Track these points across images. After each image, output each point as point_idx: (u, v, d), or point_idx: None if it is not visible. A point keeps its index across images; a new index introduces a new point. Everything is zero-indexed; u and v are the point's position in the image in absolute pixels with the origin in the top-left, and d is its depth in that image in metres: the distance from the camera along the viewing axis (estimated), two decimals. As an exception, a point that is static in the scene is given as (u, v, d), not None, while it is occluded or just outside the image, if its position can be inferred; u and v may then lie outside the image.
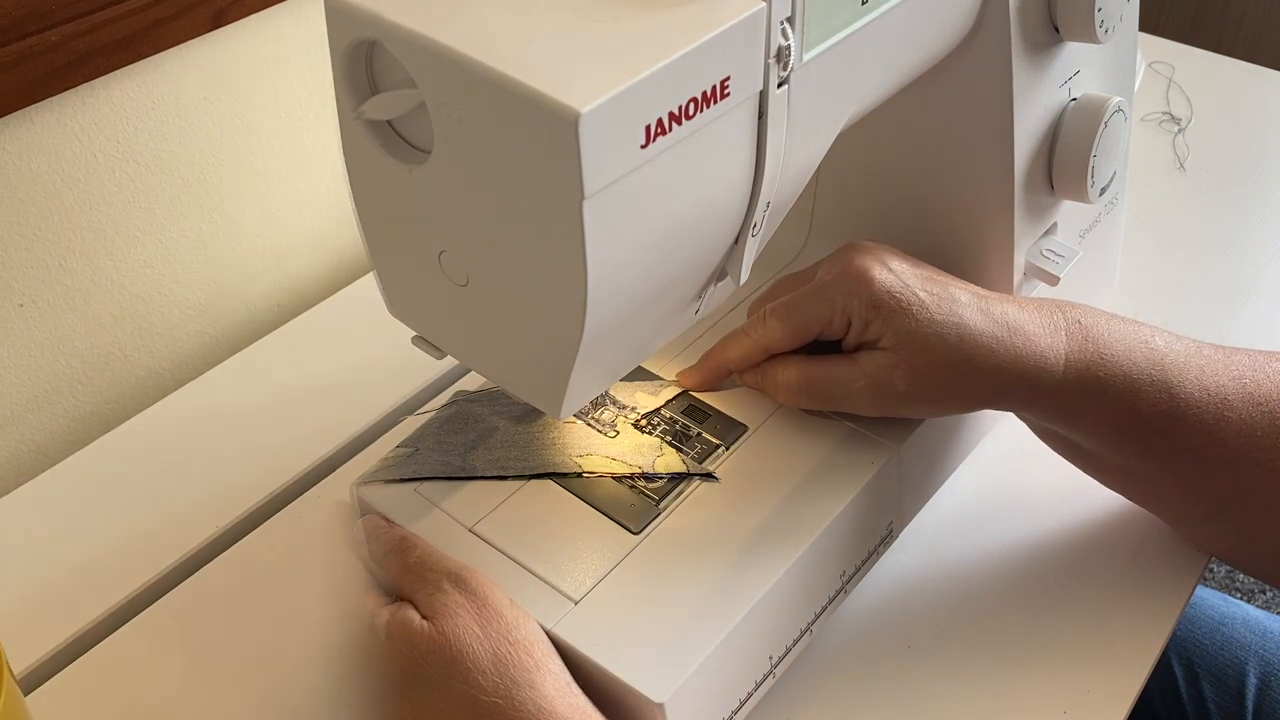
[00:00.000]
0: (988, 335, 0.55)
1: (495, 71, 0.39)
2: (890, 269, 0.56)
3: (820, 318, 0.56)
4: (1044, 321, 0.56)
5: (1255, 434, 0.56)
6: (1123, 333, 0.57)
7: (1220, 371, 0.57)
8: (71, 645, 0.63)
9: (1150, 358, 0.56)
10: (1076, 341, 0.56)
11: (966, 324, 0.55)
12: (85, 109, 0.72)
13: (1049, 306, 0.58)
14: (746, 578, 0.54)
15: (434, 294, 0.48)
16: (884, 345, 0.55)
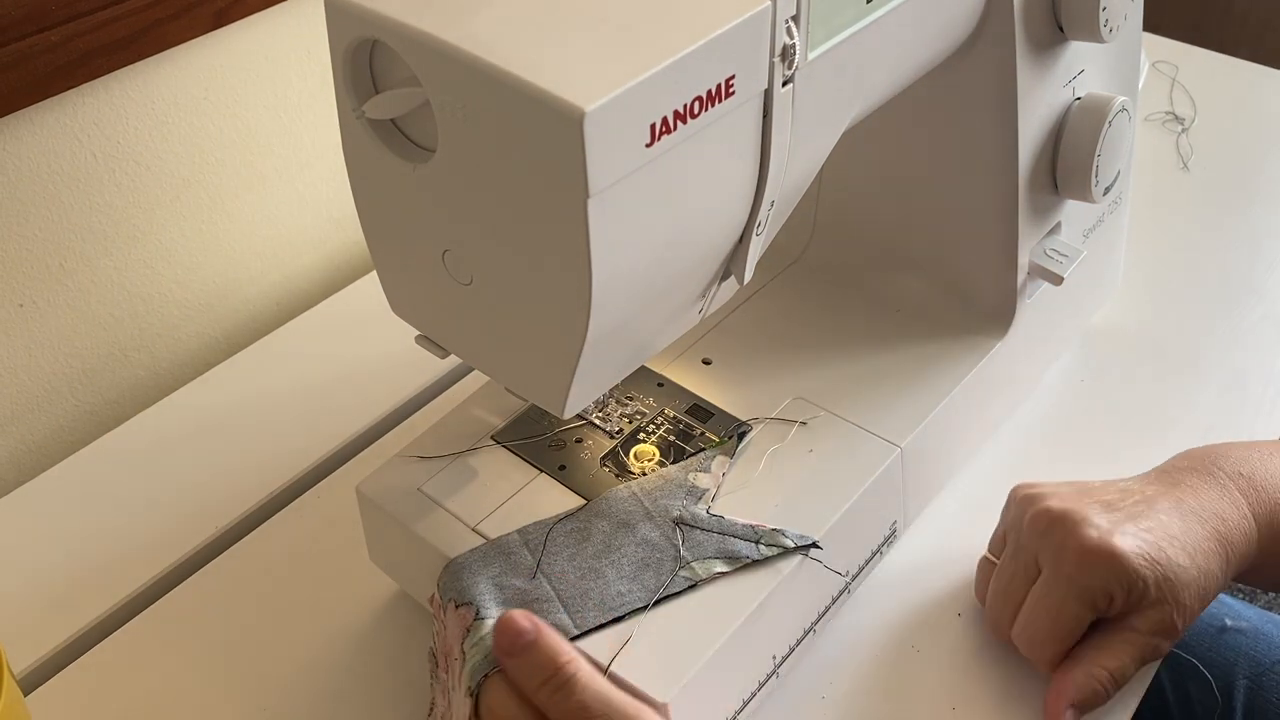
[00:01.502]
0: (1203, 539, 0.57)
1: (500, 70, 0.39)
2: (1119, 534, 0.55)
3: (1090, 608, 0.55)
4: (1223, 495, 0.58)
5: None
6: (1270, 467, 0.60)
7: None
8: (71, 645, 0.63)
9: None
10: (1252, 497, 0.59)
11: (1188, 543, 0.56)
12: (85, 109, 0.72)
13: (1211, 470, 0.59)
14: (750, 577, 0.54)
15: (437, 293, 0.48)
16: (1151, 601, 0.55)
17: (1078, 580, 0.55)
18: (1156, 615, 0.55)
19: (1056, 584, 0.55)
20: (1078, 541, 0.55)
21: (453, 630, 0.52)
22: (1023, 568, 0.57)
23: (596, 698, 0.47)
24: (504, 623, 0.49)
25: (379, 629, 0.62)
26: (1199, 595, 0.56)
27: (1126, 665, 0.56)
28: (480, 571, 0.53)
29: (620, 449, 0.60)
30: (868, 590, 0.63)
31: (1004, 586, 0.58)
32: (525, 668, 0.49)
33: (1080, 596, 0.55)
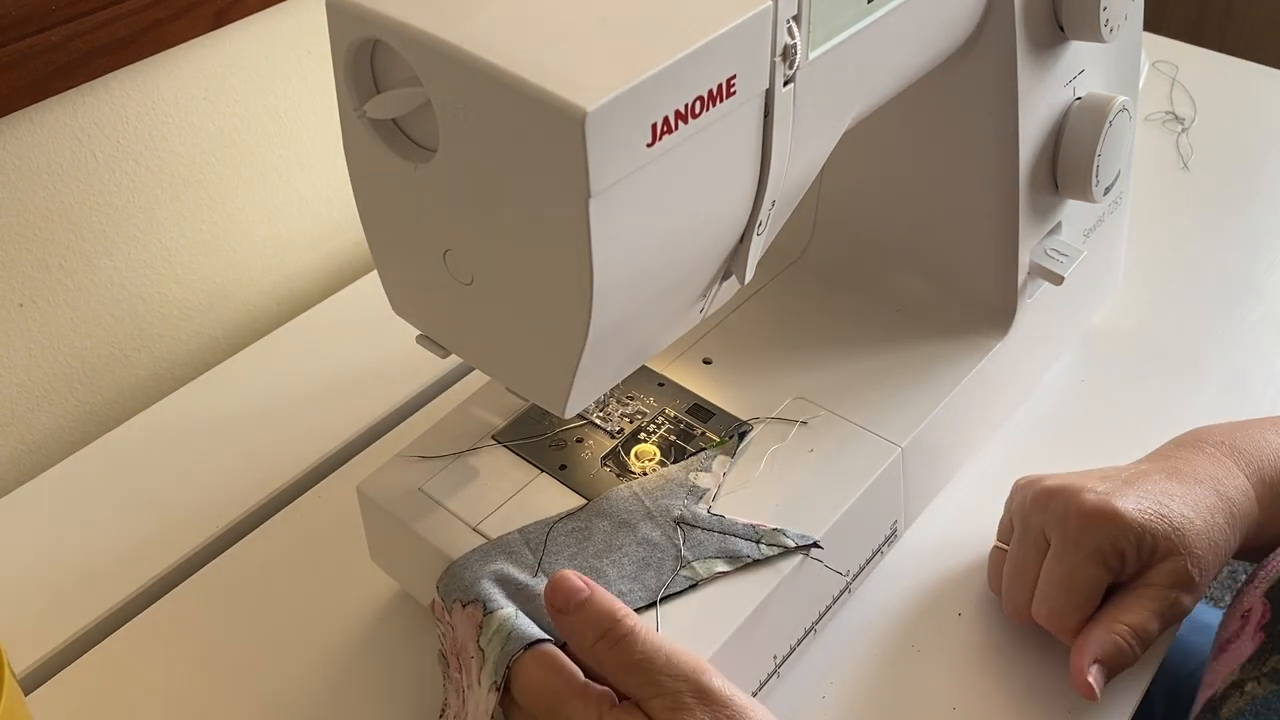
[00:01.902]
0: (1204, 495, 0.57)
1: (501, 70, 0.39)
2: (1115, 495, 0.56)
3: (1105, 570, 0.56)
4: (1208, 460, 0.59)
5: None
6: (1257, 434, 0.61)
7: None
8: (71, 645, 0.63)
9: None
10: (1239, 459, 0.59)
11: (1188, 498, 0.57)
12: (85, 109, 0.72)
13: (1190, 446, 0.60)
14: (751, 577, 0.54)
15: (438, 293, 0.48)
16: (1164, 554, 0.55)
17: (1085, 543, 0.55)
18: (1171, 567, 0.55)
19: (1066, 551, 0.56)
20: (1078, 505, 0.56)
21: (463, 630, 0.52)
22: (1032, 544, 0.58)
23: (659, 650, 0.47)
24: (558, 580, 0.49)
25: (379, 629, 0.62)
26: (1210, 547, 0.56)
27: (1146, 620, 0.55)
28: (481, 569, 0.53)
29: (621, 449, 0.60)
30: (868, 590, 0.63)
31: (1017, 567, 0.59)
32: (581, 624, 0.48)
33: (1091, 558, 0.55)
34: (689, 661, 0.47)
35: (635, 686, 0.47)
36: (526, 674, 0.49)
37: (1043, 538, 0.57)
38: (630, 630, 0.48)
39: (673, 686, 0.46)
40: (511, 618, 0.50)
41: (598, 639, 0.48)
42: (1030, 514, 0.58)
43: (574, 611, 0.49)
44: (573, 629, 0.49)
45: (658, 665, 0.46)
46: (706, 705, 0.46)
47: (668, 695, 0.46)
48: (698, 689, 0.46)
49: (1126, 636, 0.55)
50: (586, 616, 0.48)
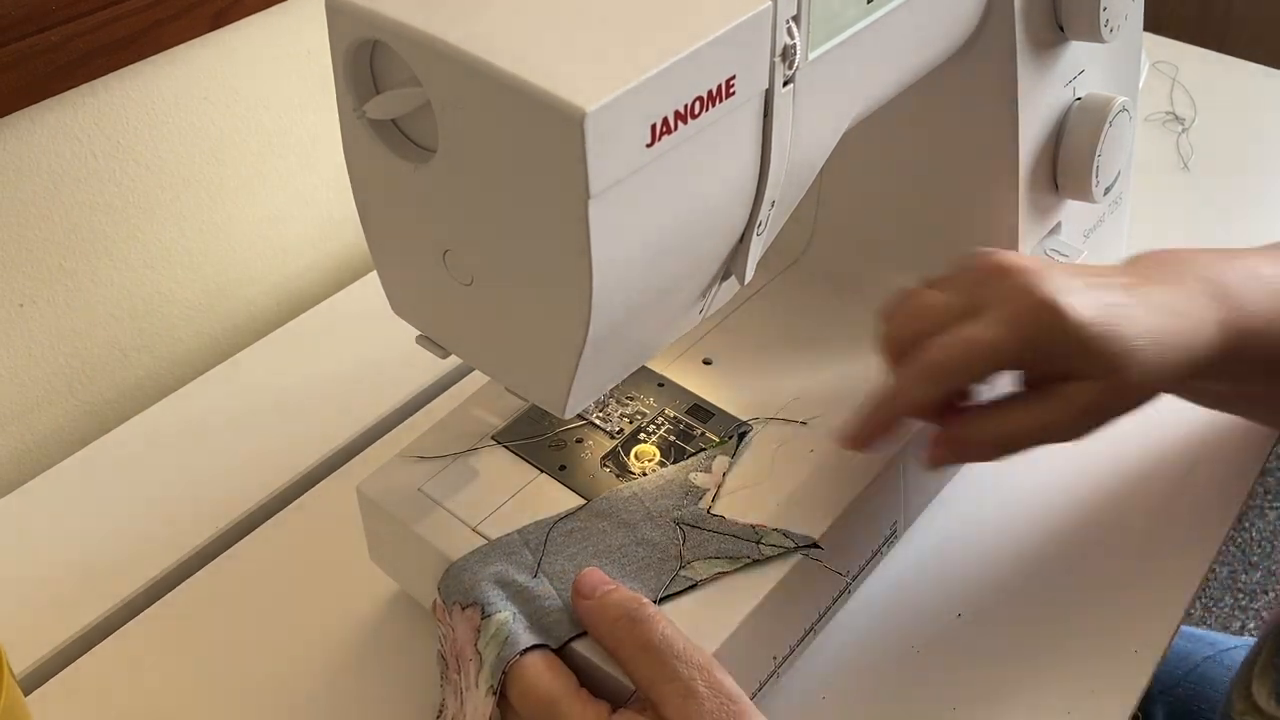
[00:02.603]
0: (1163, 330, 0.53)
1: (500, 70, 0.39)
2: (1074, 290, 0.51)
3: (1017, 357, 0.52)
4: (1188, 293, 0.54)
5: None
6: (1241, 274, 0.56)
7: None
8: (71, 645, 0.63)
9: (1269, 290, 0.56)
10: (1218, 302, 0.55)
11: (1150, 328, 0.52)
12: (85, 109, 0.72)
13: (1178, 271, 0.55)
14: (750, 577, 0.54)
15: (438, 293, 0.48)
16: (1091, 374, 0.51)
17: (1022, 326, 0.51)
18: (1092, 389, 0.52)
19: (1001, 322, 0.51)
20: (1031, 291, 0.51)
21: (463, 632, 0.52)
22: (959, 296, 0.53)
23: (678, 636, 0.47)
24: (587, 572, 0.51)
25: (379, 629, 0.62)
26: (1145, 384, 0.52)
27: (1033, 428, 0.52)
28: (480, 571, 0.53)
29: (621, 449, 0.60)
30: (868, 590, 0.63)
31: (925, 308, 0.54)
32: (602, 606, 0.49)
33: (1019, 339, 0.51)
34: (704, 654, 0.47)
35: (649, 669, 0.47)
36: (523, 678, 0.49)
37: (976, 302, 0.53)
38: (651, 614, 0.48)
39: (686, 673, 0.46)
40: (509, 622, 0.51)
41: (620, 617, 0.48)
42: (981, 278, 0.53)
43: (599, 598, 0.49)
44: (594, 610, 0.49)
45: (675, 650, 0.46)
46: (717, 695, 0.45)
47: (681, 681, 0.46)
48: (711, 680, 0.46)
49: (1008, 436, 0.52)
50: (611, 599, 0.49)
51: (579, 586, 0.50)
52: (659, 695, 0.46)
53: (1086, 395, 0.52)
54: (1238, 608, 1.65)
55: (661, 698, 0.46)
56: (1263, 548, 1.73)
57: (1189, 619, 1.58)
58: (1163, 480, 0.68)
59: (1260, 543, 1.74)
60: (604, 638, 0.49)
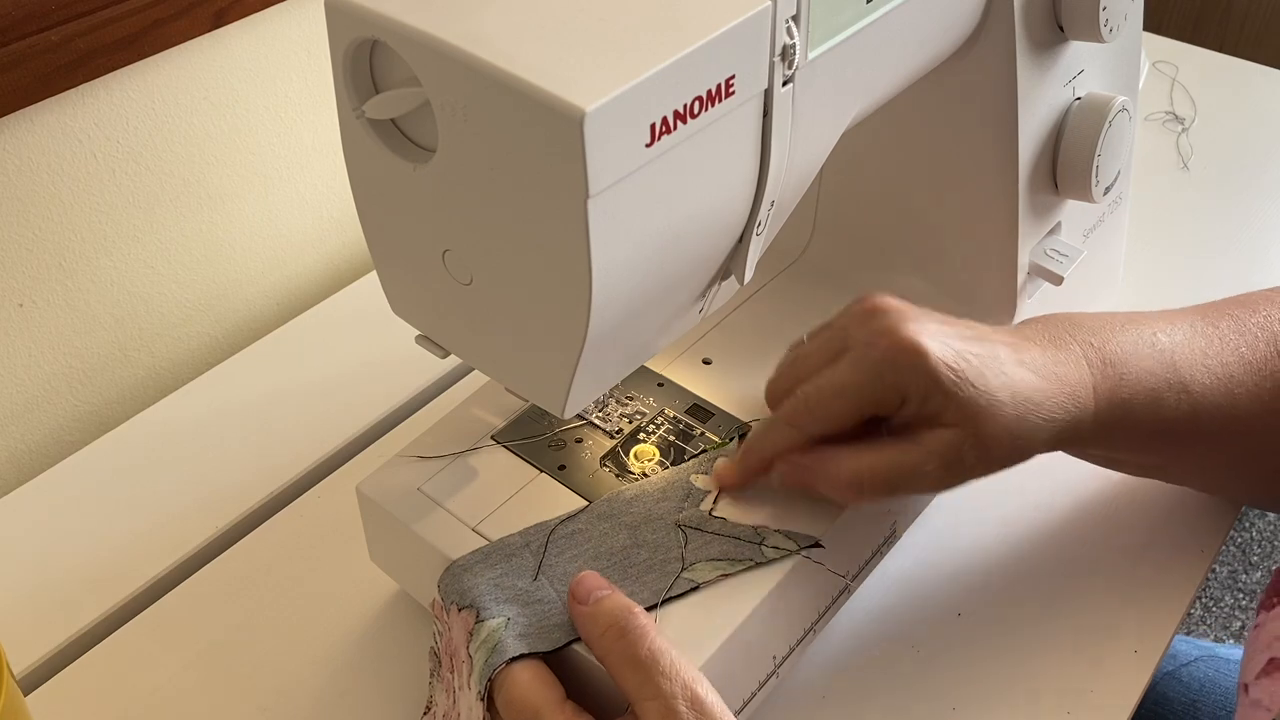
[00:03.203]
0: (1032, 389, 0.53)
1: (500, 70, 0.39)
2: (936, 335, 0.52)
3: (873, 399, 0.52)
4: (1067, 357, 0.55)
5: (1263, 399, 0.58)
6: (1132, 343, 0.56)
7: (1220, 349, 0.58)
8: (71, 645, 0.63)
9: (1162, 361, 0.56)
10: (1097, 369, 0.55)
11: (1015, 383, 0.52)
12: (85, 109, 0.72)
13: (1063, 335, 0.56)
14: (750, 577, 0.54)
15: (437, 293, 0.48)
16: (948, 421, 0.51)
17: (876, 368, 0.51)
18: (948, 438, 0.51)
19: (856, 365, 0.52)
20: (892, 331, 0.51)
21: (458, 633, 0.52)
22: (827, 343, 0.54)
23: (665, 651, 0.47)
24: (583, 576, 0.51)
25: (379, 629, 0.62)
26: (1007, 441, 0.52)
27: (886, 470, 0.52)
28: (481, 574, 0.53)
29: (620, 449, 0.60)
30: (868, 590, 0.63)
31: (802, 355, 0.55)
32: (595, 614, 0.49)
33: (871, 381, 0.51)
34: (691, 670, 0.47)
35: (634, 684, 0.47)
36: (509, 688, 0.49)
37: (842, 345, 0.53)
38: (641, 626, 0.48)
39: (669, 690, 0.46)
40: (500, 629, 0.51)
41: (609, 627, 0.48)
42: (845, 320, 0.54)
43: (593, 604, 0.49)
44: (586, 618, 0.49)
45: (660, 666, 0.46)
46: (698, 715, 0.46)
47: (663, 699, 0.46)
48: (693, 698, 0.46)
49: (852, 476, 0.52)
50: (603, 607, 0.49)
51: (575, 591, 0.50)
52: (641, 710, 0.46)
53: (942, 442, 0.51)
54: (1238, 608, 1.65)
55: (644, 713, 0.46)
56: (1263, 548, 1.73)
57: (1189, 619, 1.59)
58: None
59: (1260, 543, 1.74)
60: (593, 646, 0.49)
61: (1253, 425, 0.58)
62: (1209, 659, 0.82)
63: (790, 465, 0.54)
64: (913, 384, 0.51)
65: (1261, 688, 0.52)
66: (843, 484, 0.52)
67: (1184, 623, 0.63)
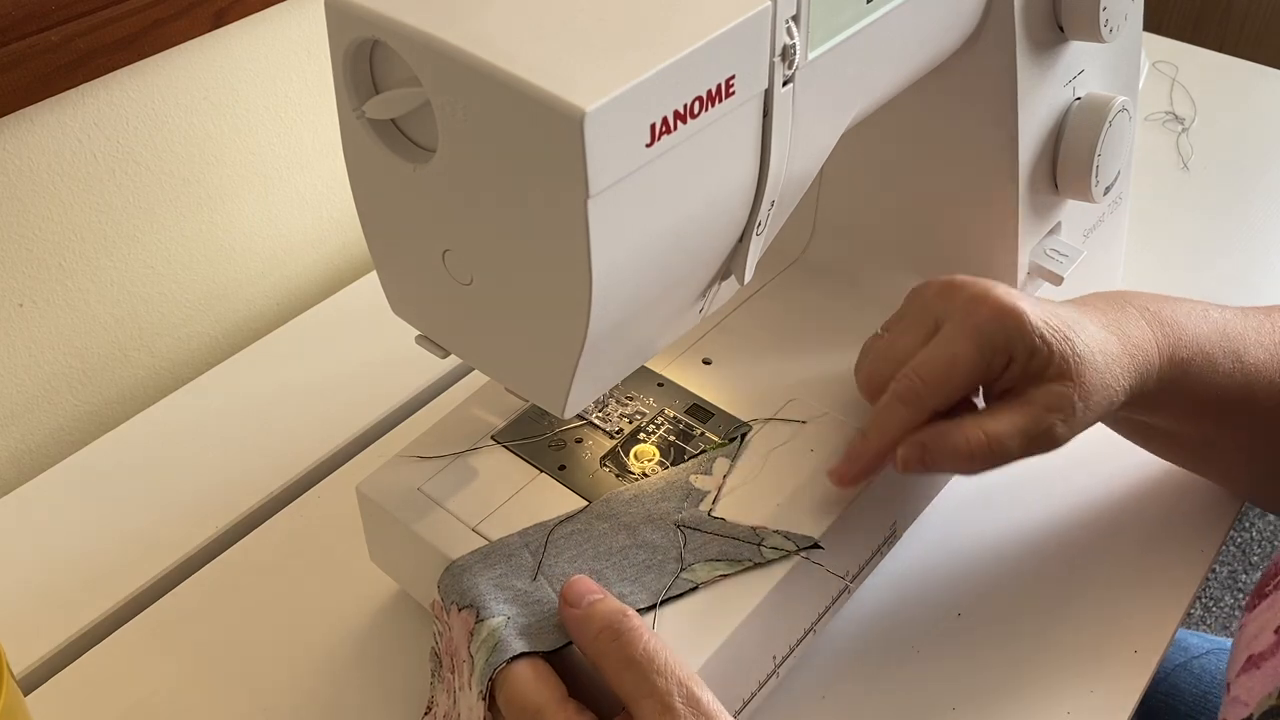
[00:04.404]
0: (1111, 344, 0.55)
1: (500, 70, 0.39)
2: (1026, 300, 0.54)
3: (984, 363, 0.53)
4: (1129, 319, 0.57)
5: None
6: (1186, 311, 0.58)
7: (1272, 329, 0.60)
8: (71, 645, 0.63)
9: (1216, 328, 0.58)
10: (1157, 329, 0.57)
11: (1097, 336, 0.54)
12: (85, 109, 0.72)
13: (1119, 302, 0.58)
14: (750, 577, 0.54)
15: (437, 293, 0.48)
16: (1053, 376, 0.53)
17: (983, 330, 0.53)
18: (1059, 390, 0.53)
19: (957, 335, 0.53)
20: (987, 298, 0.54)
21: (458, 633, 0.52)
22: (920, 326, 0.55)
23: (659, 651, 0.47)
24: (575, 580, 0.51)
25: (379, 629, 0.63)
26: (1101, 390, 0.54)
27: (1010, 433, 0.53)
28: (481, 574, 0.53)
29: (620, 449, 0.60)
30: (868, 590, 0.63)
31: (892, 343, 0.56)
32: (588, 617, 0.49)
33: (981, 348, 0.53)
34: (686, 669, 0.47)
35: (629, 684, 0.47)
36: (510, 686, 0.49)
37: (933, 325, 0.55)
38: (635, 627, 0.48)
39: (665, 688, 0.46)
40: (501, 628, 0.51)
41: (603, 629, 0.48)
42: (931, 301, 0.56)
43: (585, 608, 0.49)
44: (579, 621, 0.49)
45: (655, 665, 0.47)
46: (695, 713, 0.46)
47: (659, 697, 0.46)
48: (689, 696, 0.46)
49: (978, 442, 0.52)
50: (596, 610, 0.49)
51: (567, 595, 0.50)
52: (637, 710, 0.46)
53: (1055, 395, 0.53)
54: (1238, 608, 1.65)
55: (640, 713, 0.46)
56: (1263, 548, 1.73)
57: (1189, 619, 1.59)
58: (1164, 480, 0.68)
59: (1260, 543, 1.74)
60: (587, 649, 0.49)
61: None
62: (1220, 652, 0.82)
63: (912, 445, 0.54)
64: (1019, 344, 0.53)
65: (1240, 684, 0.52)
66: (973, 453, 0.53)
67: (1184, 622, 0.63)
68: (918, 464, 0.54)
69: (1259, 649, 0.51)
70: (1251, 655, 0.52)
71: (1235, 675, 0.52)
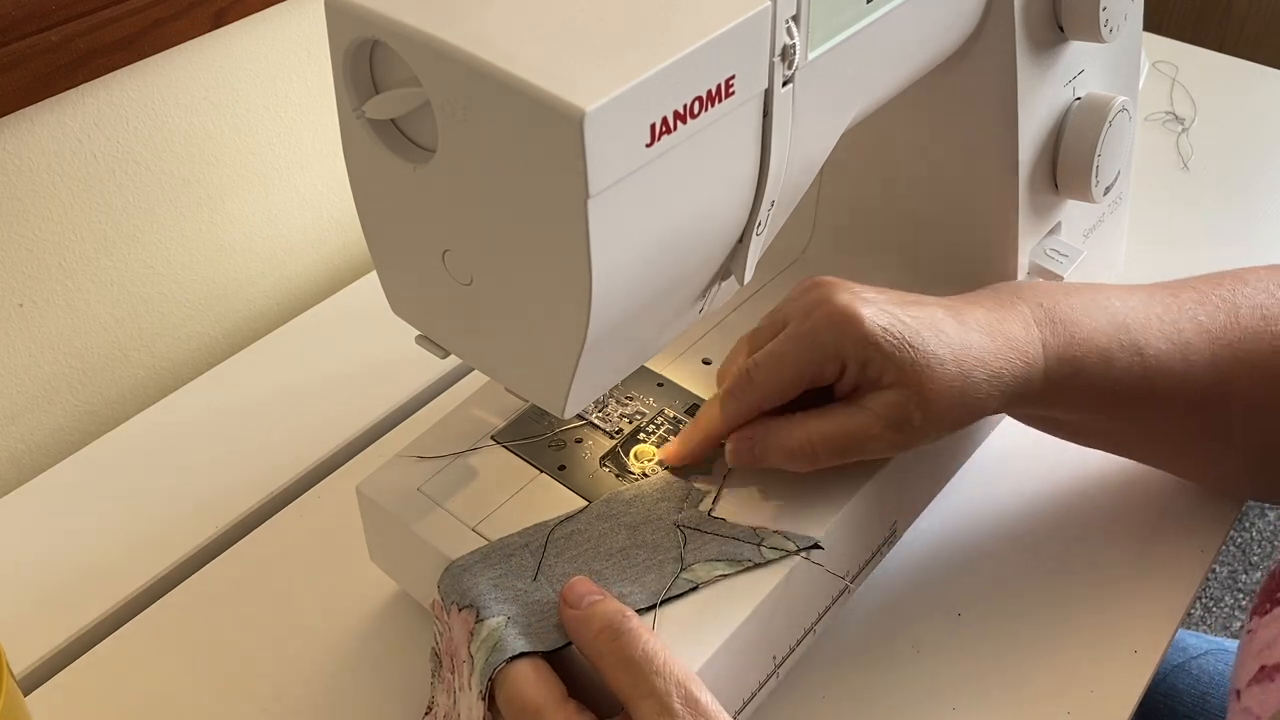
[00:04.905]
0: (977, 347, 0.54)
1: (500, 70, 0.39)
2: (871, 302, 0.54)
3: (812, 366, 0.53)
4: (1014, 316, 0.56)
5: (1219, 368, 0.58)
6: (1084, 305, 0.57)
7: (1177, 316, 0.59)
8: (71, 645, 0.63)
9: (1115, 322, 0.57)
10: (1046, 327, 0.56)
11: (955, 341, 0.54)
12: (85, 109, 0.72)
13: (1010, 298, 0.57)
14: (750, 577, 0.54)
15: (437, 293, 0.48)
16: (889, 383, 0.53)
17: (813, 335, 0.53)
18: (891, 398, 0.53)
19: (793, 336, 0.54)
20: (827, 300, 0.53)
21: (458, 633, 0.52)
22: (770, 324, 0.56)
23: (658, 652, 0.47)
24: (575, 582, 0.51)
25: (379, 629, 0.63)
26: (953, 399, 0.53)
27: (834, 434, 0.53)
28: (481, 574, 0.53)
29: (620, 449, 0.60)
30: (868, 590, 0.63)
31: (747, 336, 0.58)
32: (587, 618, 0.49)
33: (809, 348, 0.53)
34: (685, 670, 0.47)
35: (628, 684, 0.47)
36: (510, 685, 0.49)
37: (784, 322, 0.55)
38: (634, 628, 0.48)
39: (663, 688, 0.46)
40: (501, 628, 0.50)
41: (602, 629, 0.48)
42: (789, 299, 0.56)
43: (584, 608, 0.49)
44: (579, 621, 0.49)
45: (654, 666, 0.47)
46: (693, 714, 0.46)
47: (657, 698, 0.46)
48: (687, 696, 0.46)
49: (803, 442, 0.53)
50: (596, 610, 0.49)
51: (566, 596, 0.50)
52: (636, 710, 0.46)
53: (885, 403, 0.53)
54: (1238, 608, 1.65)
55: (639, 713, 0.46)
56: (1263, 548, 1.73)
57: (1189, 619, 1.58)
58: (1163, 480, 0.68)
59: (1260, 543, 1.74)
60: (586, 649, 0.49)
61: (1207, 395, 0.58)
62: (1219, 653, 0.82)
63: (739, 439, 0.55)
64: (850, 349, 0.53)
65: (1252, 695, 0.51)
66: (794, 451, 0.54)
67: (1184, 623, 0.63)
68: (747, 456, 0.55)
69: (1274, 659, 0.51)
70: (1265, 666, 0.51)
71: (1245, 684, 0.52)
